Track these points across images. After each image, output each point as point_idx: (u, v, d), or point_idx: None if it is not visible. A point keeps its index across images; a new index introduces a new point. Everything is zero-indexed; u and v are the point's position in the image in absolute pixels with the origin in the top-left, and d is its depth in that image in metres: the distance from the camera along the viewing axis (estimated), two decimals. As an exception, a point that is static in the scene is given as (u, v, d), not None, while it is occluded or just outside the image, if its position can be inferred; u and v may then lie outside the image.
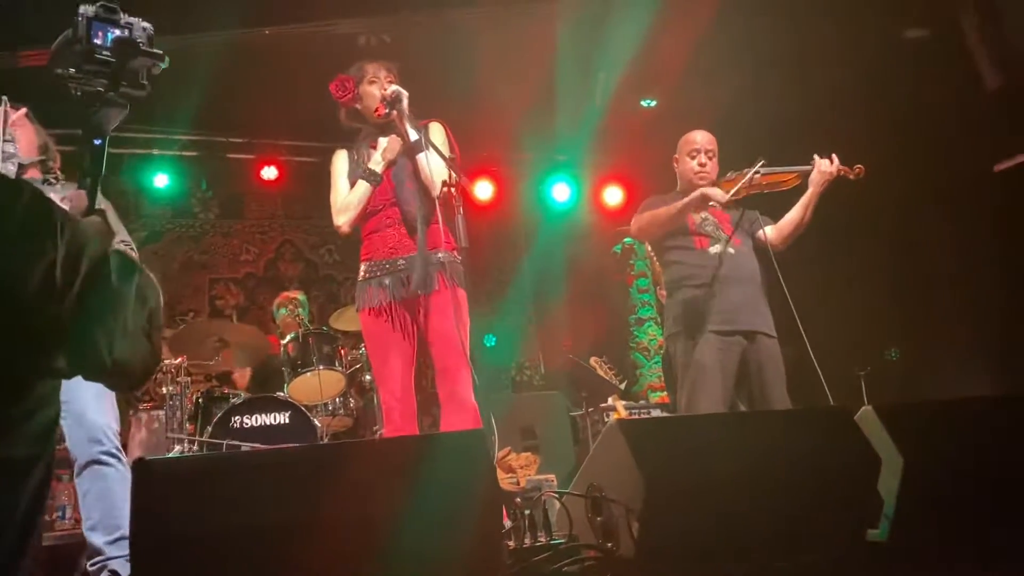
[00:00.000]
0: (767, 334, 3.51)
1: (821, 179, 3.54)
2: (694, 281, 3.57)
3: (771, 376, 3.46)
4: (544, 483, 3.87)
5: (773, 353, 3.50)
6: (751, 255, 3.64)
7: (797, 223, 3.62)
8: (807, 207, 3.59)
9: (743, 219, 3.71)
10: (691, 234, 3.63)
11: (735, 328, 3.47)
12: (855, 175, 3.55)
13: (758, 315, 3.53)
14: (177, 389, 4.63)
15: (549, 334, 7.29)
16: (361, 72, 3.25)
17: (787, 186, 3.62)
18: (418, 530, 1.90)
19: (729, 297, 3.50)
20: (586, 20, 5.07)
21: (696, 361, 3.46)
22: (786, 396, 3.45)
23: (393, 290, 3.06)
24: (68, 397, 2.85)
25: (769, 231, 3.69)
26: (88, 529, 2.79)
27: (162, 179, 6.32)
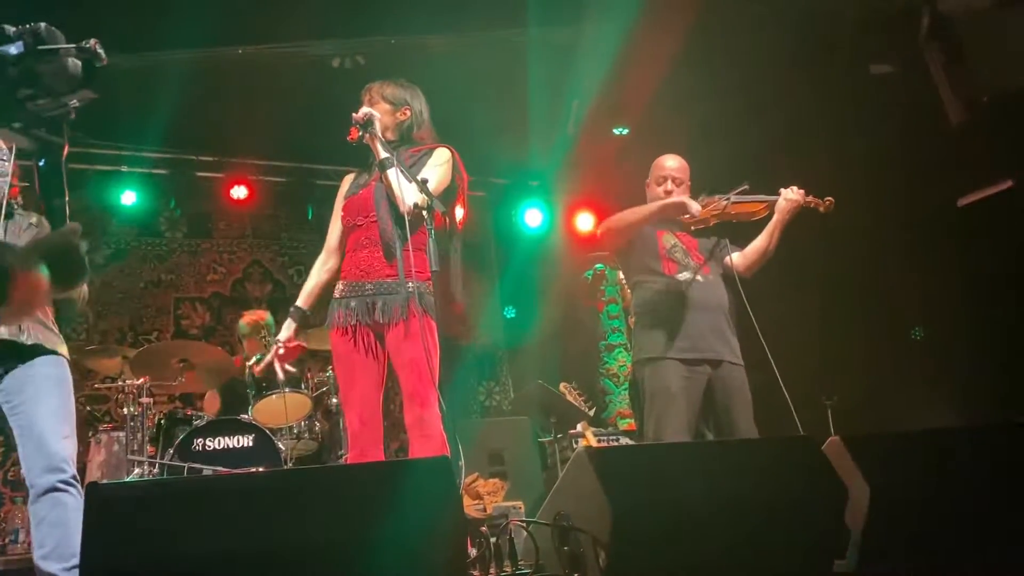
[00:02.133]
0: (733, 362, 3.52)
1: (787, 207, 3.57)
2: (661, 307, 3.57)
3: (737, 404, 3.47)
4: (511, 510, 3.84)
5: (739, 381, 3.51)
6: (719, 283, 3.66)
7: (762, 251, 3.65)
8: (772, 235, 3.62)
9: (711, 246, 3.73)
10: (660, 259, 3.64)
11: (701, 356, 3.48)
12: (825, 207, 3.58)
13: (724, 343, 3.53)
14: (138, 410, 4.53)
15: (519, 359, 7.27)
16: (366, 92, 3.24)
17: (757, 216, 3.65)
18: (382, 559, 1.86)
19: (695, 325, 3.51)
20: (556, 49, 5.12)
21: (662, 388, 3.46)
22: (752, 424, 3.45)
23: (359, 314, 3.03)
24: (27, 421, 2.79)
25: (735, 258, 3.71)
26: (40, 558, 2.72)
27: (130, 196, 6.23)
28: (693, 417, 3.42)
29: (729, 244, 3.75)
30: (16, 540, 4.72)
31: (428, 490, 1.96)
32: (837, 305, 5.31)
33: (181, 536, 1.78)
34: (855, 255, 5.23)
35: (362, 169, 3.29)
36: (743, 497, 2.16)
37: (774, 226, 3.61)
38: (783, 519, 2.18)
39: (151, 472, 4.40)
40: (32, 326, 2.86)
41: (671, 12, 4.52)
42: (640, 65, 4.93)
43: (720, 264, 3.72)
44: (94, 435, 4.71)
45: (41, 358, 2.88)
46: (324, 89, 5.14)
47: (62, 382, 2.92)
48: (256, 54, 4.98)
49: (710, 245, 3.74)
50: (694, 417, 3.42)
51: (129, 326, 6.26)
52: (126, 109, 5.34)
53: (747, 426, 3.44)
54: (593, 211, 7.19)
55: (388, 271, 3.02)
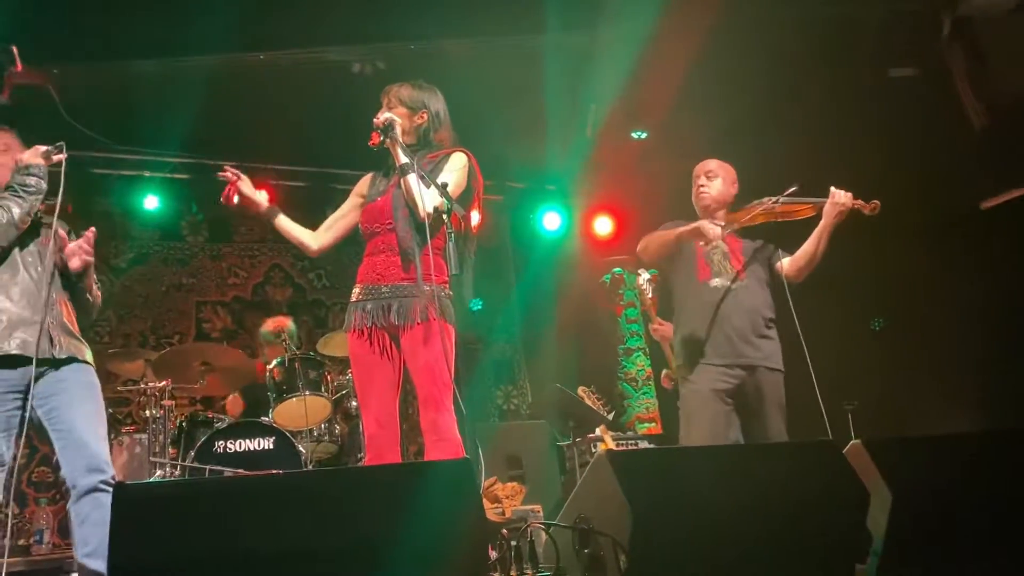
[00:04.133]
0: (768, 367, 3.51)
1: (834, 211, 3.54)
2: (694, 313, 3.58)
3: (769, 410, 3.46)
4: (530, 514, 3.85)
5: (773, 387, 3.50)
6: (758, 288, 3.64)
7: (811, 255, 3.63)
8: (820, 239, 3.59)
9: (757, 251, 3.72)
10: (696, 263, 3.65)
11: (733, 361, 3.48)
12: (870, 210, 3.54)
13: (757, 348, 3.52)
14: (160, 412, 4.58)
15: (537, 363, 7.27)
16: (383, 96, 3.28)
17: (801, 215, 3.64)
18: (403, 560, 1.87)
19: (727, 330, 3.51)
20: (574, 53, 5.12)
21: (693, 393, 3.48)
22: (784, 431, 3.44)
23: (374, 316, 3.05)
24: (66, 425, 2.84)
25: (784, 263, 3.70)
26: (84, 555, 2.78)
27: (152, 201, 6.29)
28: (723, 422, 3.41)
29: (779, 250, 3.73)
30: (41, 541, 4.77)
31: (449, 492, 1.97)
32: (857, 308, 5.28)
33: (205, 536, 1.80)
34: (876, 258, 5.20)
35: (380, 173, 3.31)
36: (764, 501, 2.16)
37: (822, 230, 3.58)
38: (804, 523, 2.17)
39: (173, 474, 4.45)
40: (64, 338, 2.92)
41: (690, 15, 4.51)
42: (659, 68, 4.92)
43: (764, 268, 3.70)
44: (116, 437, 4.76)
45: (72, 365, 2.94)
46: (343, 94, 5.16)
47: (94, 388, 2.99)
48: (277, 60, 5.02)
49: (756, 248, 3.73)
50: (724, 422, 3.42)
51: (151, 329, 6.32)
52: (149, 115, 5.40)
53: (778, 432, 3.42)
54: (611, 215, 7.19)
55: (404, 275, 3.04)
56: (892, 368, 5.17)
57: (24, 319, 2.84)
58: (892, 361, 5.18)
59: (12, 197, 2.89)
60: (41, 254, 2.97)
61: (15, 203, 2.87)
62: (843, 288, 5.15)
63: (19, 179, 2.91)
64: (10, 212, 2.86)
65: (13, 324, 2.83)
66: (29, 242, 2.99)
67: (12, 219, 2.86)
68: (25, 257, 2.95)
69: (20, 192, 2.89)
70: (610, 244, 7.11)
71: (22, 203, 2.88)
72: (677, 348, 3.68)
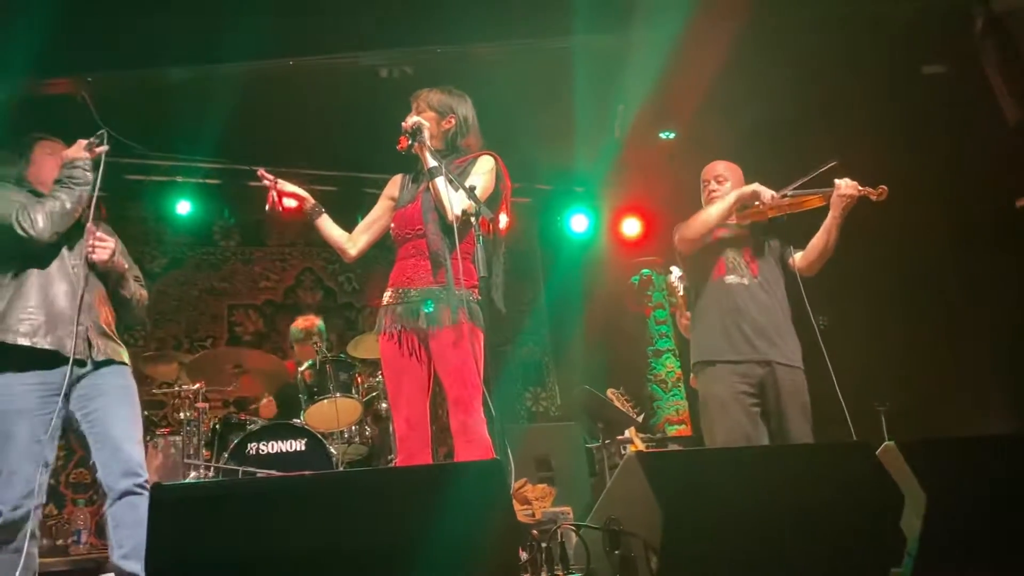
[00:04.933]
0: (787, 364, 3.48)
1: (841, 201, 3.52)
2: (710, 312, 3.57)
3: (790, 408, 3.42)
4: (560, 515, 3.85)
5: (793, 384, 3.47)
6: (773, 284, 3.62)
7: (822, 248, 3.60)
8: (830, 231, 3.57)
9: (767, 247, 3.70)
10: (711, 263, 3.63)
11: (751, 359, 3.45)
12: (878, 195, 3.52)
13: (776, 345, 3.50)
14: (194, 415, 4.64)
15: (566, 365, 7.27)
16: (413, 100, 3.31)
17: (810, 206, 3.62)
18: (434, 561, 1.88)
19: (743, 328, 3.49)
20: (603, 56, 5.11)
21: (712, 393, 3.46)
22: (807, 429, 3.41)
23: (404, 320, 3.08)
24: (102, 428, 2.89)
25: (796, 257, 3.68)
26: (120, 557, 2.83)
27: (184, 206, 6.38)
28: (745, 422, 3.39)
29: (790, 245, 3.71)
30: (79, 541, 4.86)
31: (480, 493, 1.98)
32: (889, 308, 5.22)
33: (240, 536, 1.82)
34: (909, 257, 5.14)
35: (410, 177, 3.34)
36: (796, 503, 2.14)
37: (832, 223, 3.56)
38: (837, 526, 2.15)
39: (206, 475, 4.50)
40: (101, 341, 2.97)
41: (720, 16, 4.49)
42: (688, 69, 4.90)
43: (777, 264, 3.69)
44: (151, 439, 4.83)
45: (110, 367, 2.99)
46: (372, 99, 5.20)
47: (131, 390, 3.05)
48: (306, 65, 5.06)
49: (767, 246, 3.71)
50: (746, 422, 3.40)
51: (184, 333, 6.41)
52: (181, 121, 5.48)
53: (801, 431, 3.39)
54: (639, 216, 7.17)
55: (434, 279, 3.07)
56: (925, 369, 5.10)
57: (64, 318, 2.90)
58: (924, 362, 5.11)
59: (61, 188, 2.99)
60: (82, 255, 3.04)
61: (65, 193, 2.98)
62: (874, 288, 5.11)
63: (66, 172, 3.03)
64: (62, 201, 2.96)
65: (52, 322, 2.89)
66: (74, 242, 3.06)
67: (65, 207, 2.96)
68: (70, 257, 3.02)
69: (68, 183, 3.00)
70: (638, 245, 7.09)
71: (71, 192, 2.98)
72: (694, 346, 3.66)
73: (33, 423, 2.84)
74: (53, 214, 2.93)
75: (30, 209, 2.92)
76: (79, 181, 3.01)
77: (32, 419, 2.84)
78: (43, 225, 2.90)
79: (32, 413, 2.84)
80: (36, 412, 2.85)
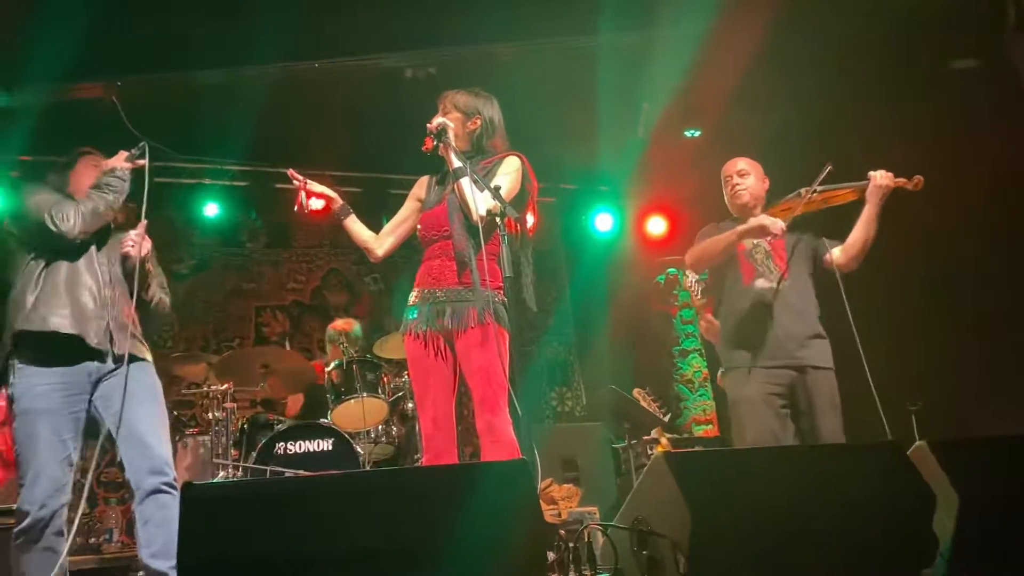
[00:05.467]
0: (818, 366, 3.45)
1: (878, 193, 3.50)
2: (740, 316, 3.54)
3: (822, 410, 3.39)
4: (586, 515, 3.84)
5: (825, 386, 3.43)
6: (804, 286, 3.58)
7: (862, 242, 3.57)
8: (869, 224, 3.54)
9: (799, 246, 3.66)
10: (739, 265, 3.61)
11: (782, 362, 3.43)
12: (914, 185, 3.49)
13: (807, 348, 3.47)
14: (223, 415, 4.69)
15: (591, 364, 7.25)
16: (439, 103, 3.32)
17: (843, 200, 3.58)
18: (460, 561, 1.89)
19: (774, 331, 3.46)
20: (628, 54, 5.09)
21: (743, 397, 3.44)
22: (840, 431, 3.37)
23: (429, 320, 3.09)
24: (128, 427, 2.93)
25: (836, 252, 3.63)
26: (149, 556, 2.85)
27: (212, 208, 6.45)
28: (775, 425, 3.36)
29: (823, 240, 3.68)
30: (111, 539, 4.92)
31: (507, 492, 1.98)
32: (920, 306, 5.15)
33: (269, 535, 1.84)
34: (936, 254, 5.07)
35: (436, 179, 3.35)
36: (826, 504, 2.12)
37: (870, 215, 3.53)
38: (868, 526, 2.13)
39: (235, 475, 4.54)
40: (122, 336, 3.01)
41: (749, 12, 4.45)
42: (715, 66, 4.87)
43: (808, 263, 3.64)
44: (180, 439, 4.88)
45: (133, 366, 3.03)
46: (397, 100, 5.23)
47: (155, 388, 3.08)
48: (331, 67, 5.10)
49: (800, 243, 3.66)
50: (776, 425, 3.37)
51: (212, 333, 6.47)
52: (208, 124, 5.54)
53: (832, 432, 3.36)
54: (665, 215, 7.14)
55: (460, 280, 3.09)
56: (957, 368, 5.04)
57: (88, 313, 2.97)
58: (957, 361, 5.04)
59: (96, 192, 3.11)
60: (110, 258, 3.12)
61: (99, 196, 3.09)
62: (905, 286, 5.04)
63: (104, 180, 3.15)
64: (95, 203, 3.08)
65: (78, 316, 2.95)
66: (104, 244, 3.14)
67: (97, 209, 3.07)
68: (99, 257, 3.09)
69: (104, 189, 3.12)
70: (663, 244, 7.06)
71: (106, 197, 3.10)
72: (723, 353, 3.63)
73: (56, 422, 2.88)
74: (84, 213, 3.03)
75: (64, 206, 3.03)
76: (115, 188, 3.13)
77: (56, 418, 2.88)
78: (73, 222, 3.00)
79: (56, 412, 2.89)
80: (60, 411, 2.89)
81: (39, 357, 2.91)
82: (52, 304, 2.95)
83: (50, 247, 3.03)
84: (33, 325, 2.91)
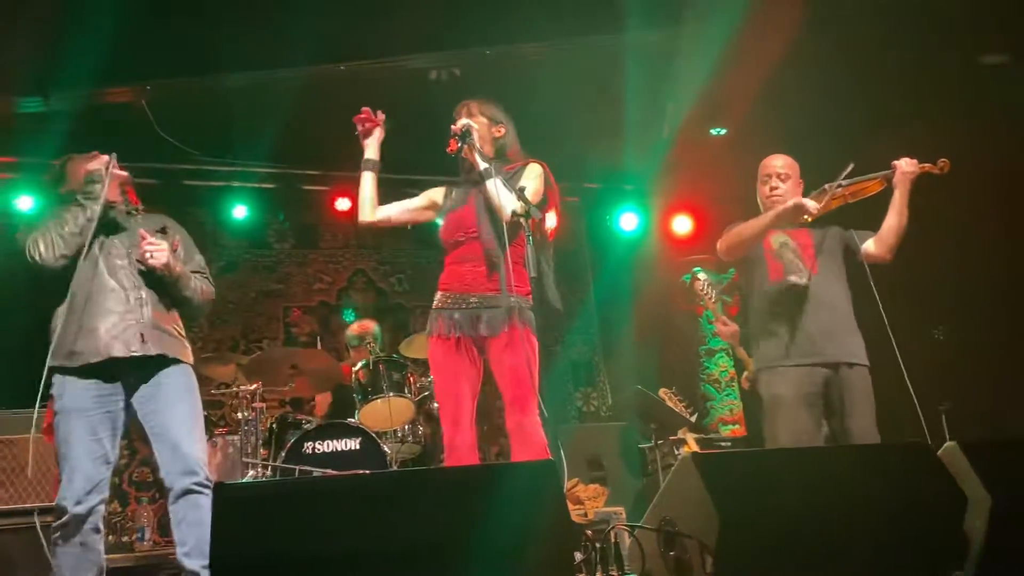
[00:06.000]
0: (852, 363, 3.40)
1: (905, 179, 3.46)
2: (771, 315, 3.50)
3: (856, 407, 3.34)
4: (613, 516, 3.84)
5: (859, 383, 3.38)
6: (835, 281, 3.53)
7: (896, 229, 3.51)
8: (900, 211, 3.49)
9: (827, 241, 3.61)
10: (767, 263, 3.57)
11: (815, 360, 3.38)
12: (940, 169, 3.44)
13: (840, 344, 3.41)
14: (252, 415, 4.73)
15: (616, 364, 7.24)
16: (457, 111, 3.34)
17: (871, 192, 3.54)
18: (488, 560, 1.90)
19: (806, 329, 3.41)
20: (655, 53, 5.08)
21: (776, 397, 3.40)
22: (874, 428, 3.32)
23: (463, 325, 3.11)
24: (162, 427, 2.97)
25: (870, 244, 3.58)
26: (183, 555, 2.88)
27: (241, 210, 6.52)
28: (810, 424, 3.33)
29: (853, 233, 3.63)
30: (143, 538, 4.98)
31: (534, 492, 1.99)
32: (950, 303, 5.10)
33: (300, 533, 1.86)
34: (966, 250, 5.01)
35: (454, 184, 3.36)
36: (854, 505, 2.11)
37: (900, 202, 3.48)
38: (896, 528, 2.12)
39: (264, 474, 4.59)
40: (154, 335, 3.03)
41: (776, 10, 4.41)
42: (741, 64, 4.83)
43: (838, 258, 3.60)
44: (211, 439, 4.93)
45: (171, 367, 3.06)
46: (421, 102, 5.25)
47: (191, 389, 3.10)
48: (357, 70, 5.13)
49: (829, 238, 3.62)
50: (811, 424, 3.33)
51: (241, 334, 6.55)
52: (237, 127, 5.60)
53: (866, 430, 3.30)
54: (690, 214, 7.11)
55: (491, 285, 3.13)
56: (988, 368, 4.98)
57: (115, 324, 2.97)
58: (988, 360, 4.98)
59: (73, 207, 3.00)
60: (131, 257, 3.09)
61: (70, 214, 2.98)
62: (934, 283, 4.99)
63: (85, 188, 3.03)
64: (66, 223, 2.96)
65: (109, 332, 2.95)
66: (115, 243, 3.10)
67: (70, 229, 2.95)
68: (113, 262, 3.06)
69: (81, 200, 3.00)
70: (689, 243, 7.03)
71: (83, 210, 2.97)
72: (755, 352, 3.59)
73: (92, 421, 2.92)
74: (55, 240, 2.94)
75: (39, 236, 2.95)
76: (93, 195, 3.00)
77: (91, 417, 2.92)
78: (48, 252, 2.92)
79: (91, 411, 2.92)
80: (95, 410, 2.93)
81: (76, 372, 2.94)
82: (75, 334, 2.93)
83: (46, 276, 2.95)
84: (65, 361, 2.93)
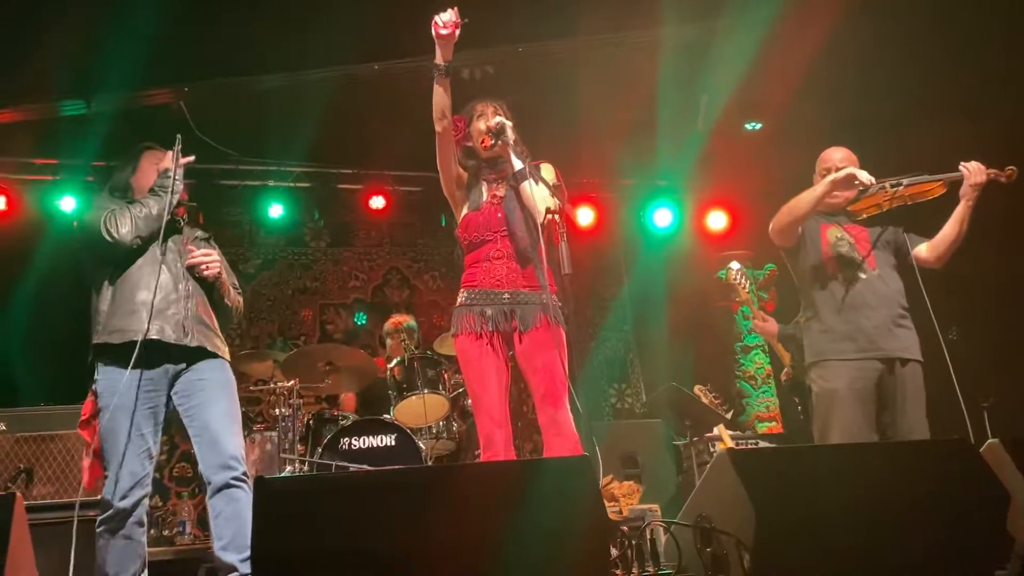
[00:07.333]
0: (905, 359, 3.36)
1: (972, 191, 3.37)
2: (825, 308, 3.45)
3: (910, 403, 3.29)
4: (648, 512, 3.83)
5: (913, 379, 3.33)
6: (890, 276, 3.48)
7: (953, 239, 3.45)
8: (962, 221, 3.42)
9: (883, 237, 3.56)
10: (823, 256, 3.52)
11: (870, 355, 3.33)
12: (1007, 177, 3.36)
13: (894, 339, 3.36)
14: (289, 411, 4.79)
15: (650, 360, 7.21)
16: (471, 111, 3.34)
17: (932, 195, 3.46)
18: (524, 555, 1.91)
19: (861, 323, 3.37)
20: (690, 48, 5.04)
21: (828, 391, 3.36)
22: (924, 424, 3.28)
23: (495, 321, 3.12)
24: (201, 422, 3.02)
25: (922, 249, 3.52)
26: (221, 548, 2.93)
27: (277, 209, 6.60)
28: (864, 419, 3.28)
29: (908, 234, 3.57)
30: (184, 532, 5.06)
31: (570, 488, 2.00)
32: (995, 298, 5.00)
33: (338, 528, 1.88)
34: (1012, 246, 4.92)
35: (476, 183, 3.33)
36: (894, 502, 2.09)
37: (964, 212, 3.40)
38: (938, 526, 2.09)
39: (301, 470, 4.64)
40: (197, 328, 3.10)
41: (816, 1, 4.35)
42: (778, 58, 4.78)
43: (892, 255, 3.55)
44: (249, 435, 4.99)
45: (208, 361, 3.12)
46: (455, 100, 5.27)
47: (229, 384, 3.16)
48: (390, 69, 5.16)
49: (883, 235, 3.55)
50: (865, 419, 3.29)
51: (278, 331, 6.63)
52: (273, 127, 5.67)
53: (917, 427, 3.27)
54: (725, 209, 7.06)
55: (523, 281, 3.13)
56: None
57: (160, 310, 3.05)
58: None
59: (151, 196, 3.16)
60: (181, 253, 3.19)
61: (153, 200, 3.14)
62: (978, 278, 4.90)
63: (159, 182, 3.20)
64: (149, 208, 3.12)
65: (155, 317, 3.03)
66: (170, 238, 3.20)
67: (150, 213, 3.11)
68: (167, 255, 3.16)
69: (158, 192, 3.16)
70: (724, 239, 6.97)
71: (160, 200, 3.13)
72: (808, 345, 3.54)
73: (136, 417, 2.98)
74: (137, 219, 3.09)
75: (117, 215, 3.09)
76: (167, 188, 3.16)
77: (135, 413, 2.99)
78: (126, 230, 3.06)
79: (135, 408, 2.99)
80: (139, 407, 3.00)
81: (120, 362, 3.01)
82: (124, 313, 3.02)
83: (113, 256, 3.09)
84: (110, 338, 3.01)
